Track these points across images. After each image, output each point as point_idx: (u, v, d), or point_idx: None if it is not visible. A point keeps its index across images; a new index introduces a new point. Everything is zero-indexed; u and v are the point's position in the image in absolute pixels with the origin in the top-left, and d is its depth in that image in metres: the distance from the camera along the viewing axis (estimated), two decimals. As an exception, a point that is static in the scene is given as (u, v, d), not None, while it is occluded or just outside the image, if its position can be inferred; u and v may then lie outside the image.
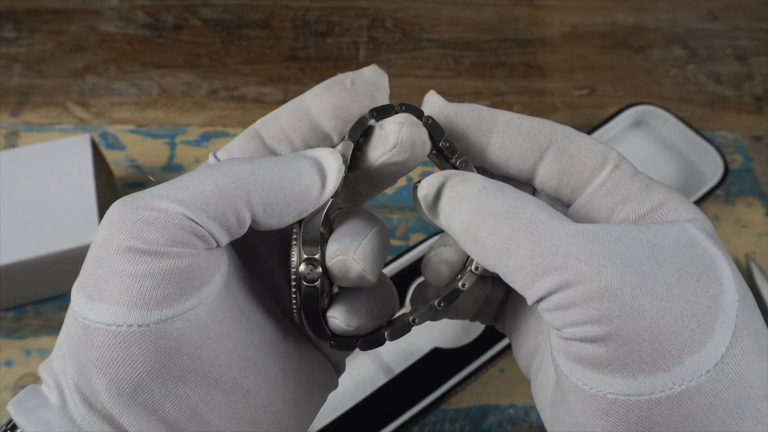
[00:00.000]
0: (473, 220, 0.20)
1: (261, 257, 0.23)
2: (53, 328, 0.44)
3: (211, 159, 0.23)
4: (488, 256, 0.20)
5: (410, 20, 0.62)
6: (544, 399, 0.22)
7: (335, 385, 0.25)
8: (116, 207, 0.19)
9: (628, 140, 0.51)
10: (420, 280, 0.43)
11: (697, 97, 0.57)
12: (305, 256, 0.21)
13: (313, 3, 0.63)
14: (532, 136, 0.22)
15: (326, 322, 0.22)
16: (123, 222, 0.19)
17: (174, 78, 0.57)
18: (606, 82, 0.58)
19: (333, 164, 0.22)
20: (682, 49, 0.60)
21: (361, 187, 0.24)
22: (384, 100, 0.23)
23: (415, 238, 0.48)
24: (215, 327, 0.20)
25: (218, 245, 0.20)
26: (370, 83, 0.22)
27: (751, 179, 0.52)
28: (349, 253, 0.21)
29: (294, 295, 0.22)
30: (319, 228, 0.21)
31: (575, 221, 0.21)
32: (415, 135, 0.22)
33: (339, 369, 0.25)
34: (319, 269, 0.21)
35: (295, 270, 0.21)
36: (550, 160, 0.22)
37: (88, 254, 0.20)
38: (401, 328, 0.23)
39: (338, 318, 0.22)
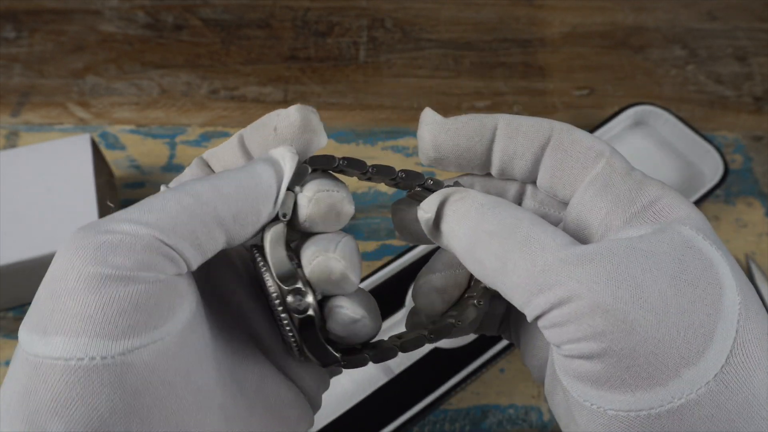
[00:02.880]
0: (471, 240, 0.20)
1: (219, 282, 0.22)
2: (53, 328, 0.44)
3: (162, 189, 0.21)
4: (487, 275, 0.20)
5: (410, 20, 0.62)
6: (557, 407, 0.22)
7: (310, 424, 0.24)
8: (75, 234, 0.18)
9: (628, 140, 0.51)
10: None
11: (697, 97, 0.57)
12: (287, 287, 0.20)
13: (313, 3, 0.63)
14: (532, 134, 0.22)
15: (329, 342, 0.21)
16: (83, 248, 0.17)
17: (174, 78, 0.57)
18: (606, 82, 0.58)
19: (286, 155, 0.21)
20: (682, 49, 0.60)
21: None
22: (316, 140, 0.22)
23: (415, 238, 0.48)
24: (184, 360, 0.18)
25: (188, 269, 0.19)
26: (294, 127, 0.21)
27: (751, 179, 0.52)
28: (329, 252, 0.20)
29: (290, 332, 0.20)
30: (285, 256, 0.20)
31: (569, 222, 0.21)
32: (324, 210, 0.21)
33: (315, 405, 0.24)
34: (309, 297, 0.20)
35: (280, 305, 0.20)
36: (547, 157, 0.22)
37: (39, 289, 0.18)
38: (413, 341, 0.22)
39: (345, 306, 0.21)
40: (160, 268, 0.18)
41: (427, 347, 0.41)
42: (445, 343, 0.41)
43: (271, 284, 0.20)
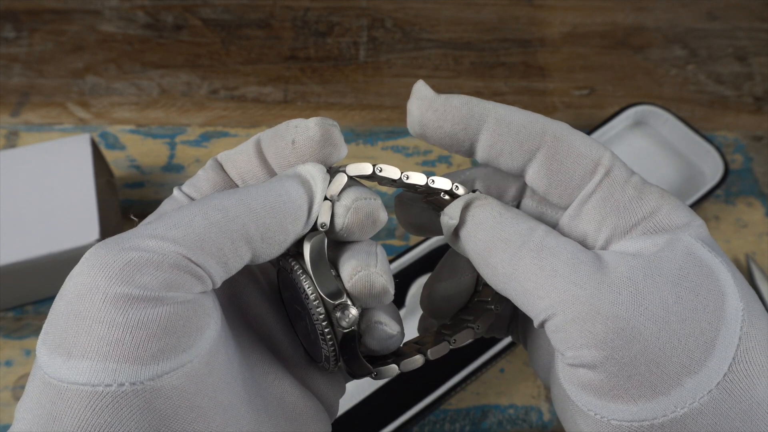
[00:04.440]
0: (487, 246, 0.20)
1: (238, 293, 0.22)
2: (53, 328, 0.44)
3: (176, 193, 0.21)
4: (499, 281, 0.20)
5: (410, 20, 0.62)
6: (562, 413, 0.22)
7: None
8: (98, 250, 0.17)
9: (628, 140, 0.51)
10: (414, 289, 0.43)
11: (697, 97, 0.57)
12: (333, 302, 0.19)
13: (313, 3, 0.63)
14: (523, 137, 0.21)
15: (363, 357, 0.21)
16: (109, 266, 0.16)
17: (174, 78, 0.57)
18: (606, 82, 0.58)
19: (316, 174, 0.20)
20: (682, 49, 0.60)
21: None
22: (336, 154, 0.21)
23: (416, 238, 0.48)
24: (211, 381, 0.17)
25: (213, 286, 0.18)
26: (314, 142, 0.20)
27: (751, 179, 0.52)
28: (370, 267, 0.20)
29: (331, 345, 0.20)
30: (329, 270, 0.20)
31: (566, 231, 0.21)
32: (362, 219, 0.20)
33: (333, 413, 0.24)
34: (354, 311, 0.20)
35: (324, 319, 0.20)
36: (539, 163, 0.21)
37: (60, 306, 0.17)
38: (438, 350, 0.22)
39: (386, 323, 0.21)
40: (188, 288, 0.17)
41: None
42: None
43: (314, 298, 0.20)
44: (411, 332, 0.28)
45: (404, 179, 0.21)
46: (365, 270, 0.20)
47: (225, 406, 0.18)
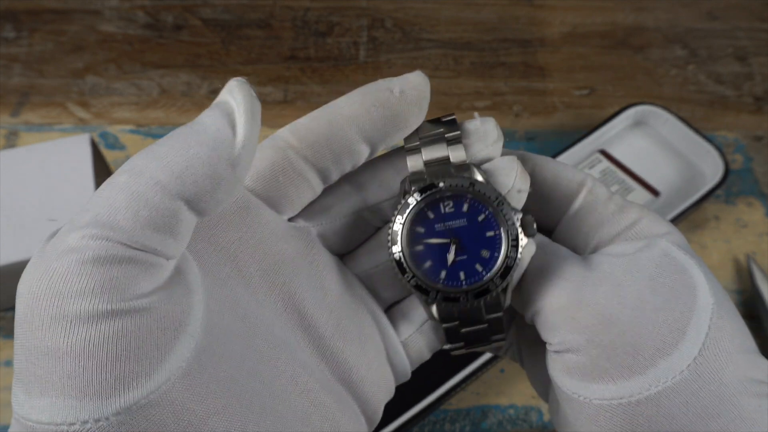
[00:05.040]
0: None
1: (239, 300, 0.19)
2: (53, 328, 0.44)
3: None
4: None
5: (410, 20, 0.62)
6: (557, 421, 0.23)
7: None
8: (28, 269, 0.15)
9: (628, 140, 0.51)
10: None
11: (697, 97, 0.57)
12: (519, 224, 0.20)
13: (313, 3, 0.63)
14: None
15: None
16: (37, 283, 0.14)
17: (174, 78, 0.57)
18: (606, 82, 0.58)
19: (236, 93, 0.17)
20: (682, 49, 0.60)
21: None
22: (424, 114, 0.21)
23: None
24: (198, 407, 0.15)
25: (167, 262, 0.16)
26: (418, 91, 0.20)
27: (751, 179, 0.52)
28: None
29: (507, 261, 0.20)
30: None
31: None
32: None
33: (372, 418, 0.22)
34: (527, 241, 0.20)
35: (515, 233, 0.20)
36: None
37: (15, 333, 0.15)
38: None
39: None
40: (132, 279, 0.14)
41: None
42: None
43: (507, 212, 0.20)
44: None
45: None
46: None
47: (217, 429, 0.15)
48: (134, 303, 0.14)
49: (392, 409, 0.39)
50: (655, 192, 0.48)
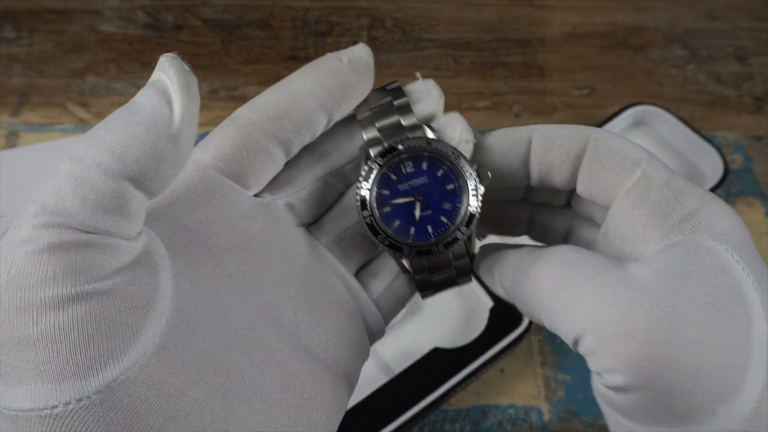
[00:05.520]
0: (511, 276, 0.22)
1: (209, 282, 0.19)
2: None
3: None
4: (532, 310, 0.21)
5: (410, 20, 0.62)
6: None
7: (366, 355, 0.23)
8: None
9: (628, 140, 0.51)
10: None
11: (697, 97, 0.57)
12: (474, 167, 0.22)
13: (313, 3, 0.63)
14: (567, 146, 0.21)
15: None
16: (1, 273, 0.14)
17: (174, 78, 0.57)
18: (606, 82, 0.58)
19: (168, 69, 0.18)
20: (682, 49, 0.60)
21: None
22: (372, 82, 0.22)
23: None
24: (176, 380, 0.16)
25: (125, 239, 0.16)
26: (365, 61, 0.21)
27: (751, 179, 0.52)
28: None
29: (478, 202, 0.22)
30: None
31: (607, 233, 0.21)
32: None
33: (352, 380, 0.23)
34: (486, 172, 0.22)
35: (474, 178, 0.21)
36: (583, 167, 0.21)
37: None
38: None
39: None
40: (90, 264, 0.15)
41: (427, 346, 0.41)
42: (445, 343, 0.41)
43: (465, 162, 0.22)
44: (414, 333, 0.28)
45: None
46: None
47: (200, 402, 0.16)
48: (97, 285, 0.15)
49: (392, 409, 0.39)
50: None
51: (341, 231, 0.23)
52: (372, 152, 0.22)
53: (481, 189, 0.22)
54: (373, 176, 0.21)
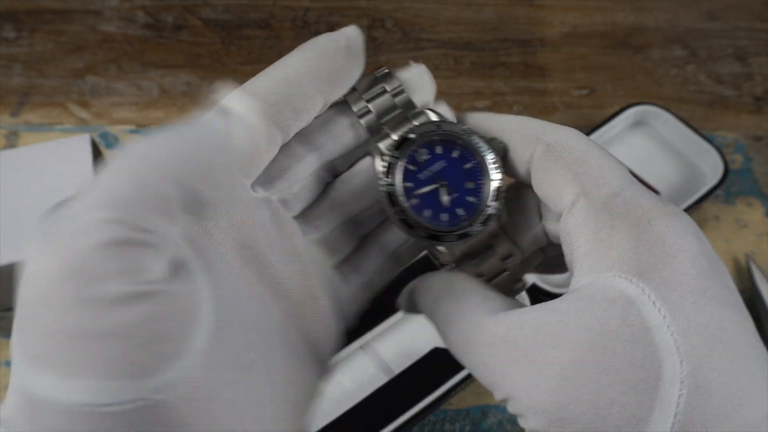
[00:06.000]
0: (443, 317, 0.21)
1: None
2: (53, 328, 0.44)
3: None
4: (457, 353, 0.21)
5: (410, 20, 0.62)
6: None
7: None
8: (37, 249, 0.15)
9: (628, 140, 0.51)
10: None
11: (697, 97, 0.57)
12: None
13: (313, 3, 0.63)
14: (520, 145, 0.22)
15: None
16: (57, 265, 0.15)
17: (174, 78, 0.57)
18: (606, 82, 0.58)
19: (234, 101, 0.19)
20: (682, 49, 0.60)
21: None
22: (363, 66, 0.22)
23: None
24: (212, 382, 0.16)
25: (173, 242, 0.16)
26: (358, 43, 0.21)
27: (751, 179, 0.52)
28: None
29: (499, 185, 0.22)
30: None
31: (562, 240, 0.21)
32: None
33: (331, 374, 0.23)
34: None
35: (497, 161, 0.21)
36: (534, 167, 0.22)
37: (19, 313, 0.15)
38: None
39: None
40: (146, 265, 0.15)
41: (427, 346, 0.41)
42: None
43: (485, 145, 0.21)
44: (414, 333, 0.28)
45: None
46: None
47: (232, 403, 0.16)
48: (155, 286, 0.15)
49: (392, 409, 0.39)
50: (655, 192, 0.48)
51: (333, 227, 0.22)
52: (382, 147, 0.21)
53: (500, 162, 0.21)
54: (395, 170, 0.21)
